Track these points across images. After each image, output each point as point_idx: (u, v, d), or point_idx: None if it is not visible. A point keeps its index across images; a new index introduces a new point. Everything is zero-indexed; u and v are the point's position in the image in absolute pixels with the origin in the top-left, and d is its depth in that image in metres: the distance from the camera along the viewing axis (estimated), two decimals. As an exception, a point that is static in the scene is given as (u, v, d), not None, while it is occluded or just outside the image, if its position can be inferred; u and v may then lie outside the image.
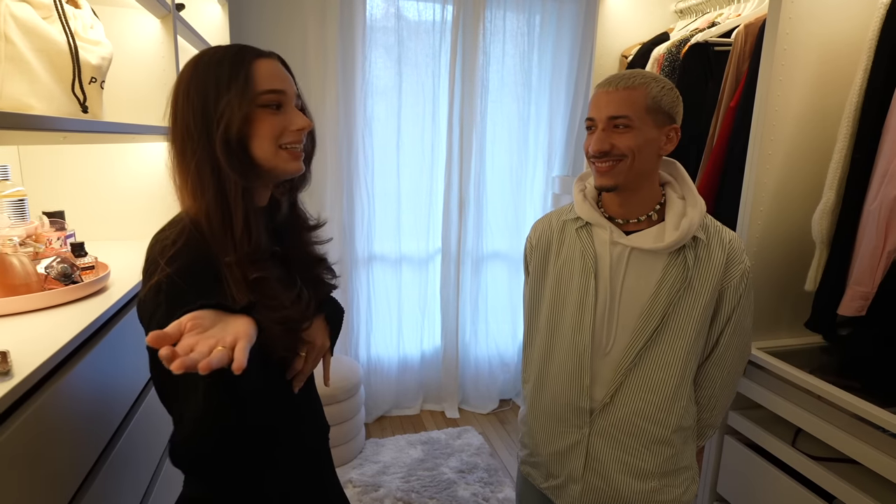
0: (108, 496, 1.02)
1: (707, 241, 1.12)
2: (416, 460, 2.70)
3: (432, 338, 3.22)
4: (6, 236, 1.04)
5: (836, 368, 1.45)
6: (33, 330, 0.93)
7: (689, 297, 1.10)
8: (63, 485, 0.88)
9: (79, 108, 1.15)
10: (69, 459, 0.90)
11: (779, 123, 1.46)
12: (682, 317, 1.11)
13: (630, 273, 1.12)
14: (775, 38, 1.42)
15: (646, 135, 1.07)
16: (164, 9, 1.48)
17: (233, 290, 0.82)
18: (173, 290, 0.77)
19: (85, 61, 1.15)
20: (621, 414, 1.14)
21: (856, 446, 1.25)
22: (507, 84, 2.99)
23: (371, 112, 2.83)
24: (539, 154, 3.12)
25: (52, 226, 1.24)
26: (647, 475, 1.15)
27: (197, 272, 0.81)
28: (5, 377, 0.73)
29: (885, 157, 1.24)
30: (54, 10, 1.12)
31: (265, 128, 0.87)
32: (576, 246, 1.18)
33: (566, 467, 1.21)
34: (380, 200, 2.96)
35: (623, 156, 1.07)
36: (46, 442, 0.82)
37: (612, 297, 1.13)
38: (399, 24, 2.80)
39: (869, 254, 1.26)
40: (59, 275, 1.03)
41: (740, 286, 1.12)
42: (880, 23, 1.29)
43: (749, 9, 1.88)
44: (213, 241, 0.84)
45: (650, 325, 1.11)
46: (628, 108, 1.05)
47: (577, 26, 2.95)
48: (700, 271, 1.10)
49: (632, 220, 1.14)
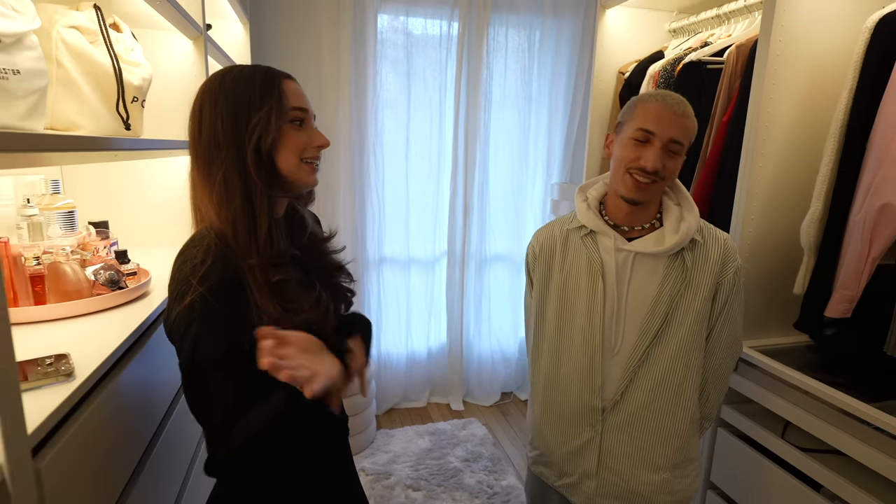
0: (152, 490, 1.04)
1: (703, 242, 1.14)
2: (424, 450, 2.72)
3: (438, 335, 3.24)
4: (59, 246, 1.06)
5: (823, 366, 1.46)
6: (86, 333, 0.95)
7: (689, 294, 1.12)
8: (116, 479, 0.90)
9: (122, 126, 1.16)
10: (120, 455, 0.91)
11: (769, 137, 1.48)
12: (684, 313, 1.12)
13: (635, 276, 1.14)
14: (766, 58, 1.44)
15: (682, 161, 1.11)
16: (196, 31, 1.50)
17: (255, 296, 0.82)
18: (206, 309, 0.78)
19: (128, 82, 1.17)
20: (632, 409, 1.15)
21: (841, 438, 1.27)
22: (509, 96, 3.01)
23: (381, 123, 2.85)
24: (539, 162, 3.14)
25: (98, 235, 1.25)
26: (659, 467, 1.16)
27: (226, 289, 0.81)
28: (68, 378, 0.75)
29: (870, 171, 1.26)
30: (100, 34, 1.14)
31: (291, 142, 0.89)
32: (581, 253, 1.19)
33: (580, 465, 1.21)
34: (390, 206, 2.97)
35: (664, 178, 1.09)
36: (103, 439, 0.84)
37: (619, 300, 1.15)
38: (408, 40, 2.81)
39: (854, 260, 1.28)
40: (107, 281, 1.05)
41: (733, 282, 1.14)
42: (864, 45, 1.31)
43: (739, 30, 1.90)
44: (237, 248, 0.84)
45: (655, 323, 1.12)
46: (685, 136, 1.07)
47: (574, 43, 2.96)
48: (698, 270, 1.13)
49: (636, 227, 1.16)
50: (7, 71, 0.80)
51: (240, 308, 0.82)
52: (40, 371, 0.74)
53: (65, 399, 0.70)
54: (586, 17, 2.91)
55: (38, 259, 1.00)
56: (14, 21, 0.83)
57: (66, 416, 0.72)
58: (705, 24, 2.09)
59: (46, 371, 0.74)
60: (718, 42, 1.90)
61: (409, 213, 3.02)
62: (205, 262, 0.80)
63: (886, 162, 1.23)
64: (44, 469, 0.64)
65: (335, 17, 2.63)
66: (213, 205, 0.86)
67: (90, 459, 0.79)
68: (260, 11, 2.52)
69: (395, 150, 2.92)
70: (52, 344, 0.89)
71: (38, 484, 0.63)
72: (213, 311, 0.78)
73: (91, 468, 0.79)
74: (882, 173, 1.22)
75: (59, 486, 0.68)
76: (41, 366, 0.75)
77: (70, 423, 0.73)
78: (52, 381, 0.73)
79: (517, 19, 2.90)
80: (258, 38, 2.52)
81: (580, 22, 2.93)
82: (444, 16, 2.80)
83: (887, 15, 1.29)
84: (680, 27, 2.23)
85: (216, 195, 0.85)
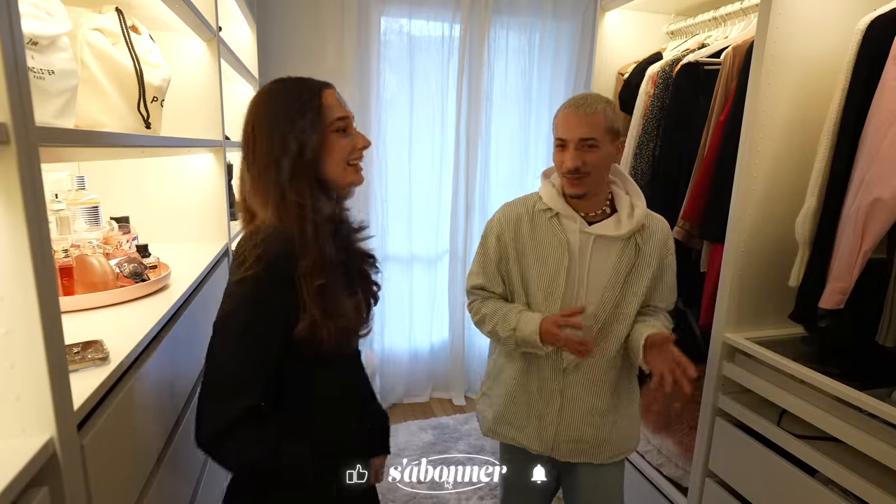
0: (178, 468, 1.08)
1: (650, 225, 1.33)
2: (427, 443, 2.75)
3: (441, 331, 3.27)
4: (85, 240, 1.09)
5: (817, 356, 1.50)
6: (113, 322, 0.99)
7: (640, 270, 1.32)
8: (148, 456, 0.94)
9: (142, 125, 1.20)
10: (150, 435, 0.95)
11: (765, 135, 1.52)
12: (635, 284, 1.32)
13: (594, 256, 1.31)
14: (762, 59, 1.48)
15: (606, 151, 1.24)
16: (210, 33, 1.53)
17: (304, 294, 0.88)
18: (256, 285, 0.86)
19: (148, 82, 1.20)
20: (588, 366, 1.34)
21: (835, 425, 1.30)
22: (510, 97, 3.05)
23: (384, 123, 2.89)
24: (539, 162, 3.18)
25: (120, 230, 1.29)
26: (604, 411, 1.37)
27: (277, 275, 0.88)
28: (104, 362, 0.79)
29: (862, 167, 1.30)
30: (121, 36, 1.18)
31: (337, 149, 0.95)
32: (550, 232, 1.32)
33: (544, 415, 1.37)
34: (393, 205, 3.01)
35: (590, 171, 1.23)
36: (136, 419, 0.88)
37: (579, 277, 1.31)
38: (410, 42, 2.85)
39: (847, 253, 1.32)
40: (131, 273, 1.09)
41: (670, 248, 1.38)
42: (857, 46, 1.35)
43: (735, 32, 1.94)
44: (291, 249, 0.89)
45: (612, 297, 1.30)
46: (595, 131, 1.21)
47: (574, 45, 3.01)
48: (647, 249, 1.32)
49: (591, 213, 1.32)
50: (43, 71, 0.84)
51: (285, 298, 0.88)
52: (78, 355, 0.78)
53: (104, 379, 0.74)
54: (585, 19, 2.95)
55: (67, 252, 1.04)
56: (48, 24, 0.87)
57: (103, 397, 0.76)
58: (703, 27, 2.14)
59: (84, 356, 0.78)
60: (715, 44, 1.94)
61: (411, 212, 3.06)
62: (268, 247, 0.87)
63: (877, 158, 1.27)
64: (87, 444, 0.68)
65: (339, 20, 2.67)
66: (270, 212, 0.91)
67: (125, 437, 0.83)
68: (266, 14, 2.56)
69: (397, 151, 2.96)
70: (83, 332, 0.93)
71: (83, 457, 0.67)
72: (261, 289, 0.86)
73: (126, 445, 0.84)
74: (873, 169, 1.26)
75: (99, 460, 0.72)
76: (79, 350, 0.79)
77: (108, 403, 0.77)
78: (90, 365, 0.77)
79: (518, 21, 2.94)
80: (265, 40, 2.55)
81: (580, 24, 2.97)
82: (445, 18, 2.85)
83: (876, 18, 1.33)
84: (678, 29, 2.28)
85: (272, 205, 0.91)
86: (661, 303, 1.41)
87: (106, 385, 0.75)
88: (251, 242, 0.87)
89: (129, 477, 0.85)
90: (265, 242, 0.87)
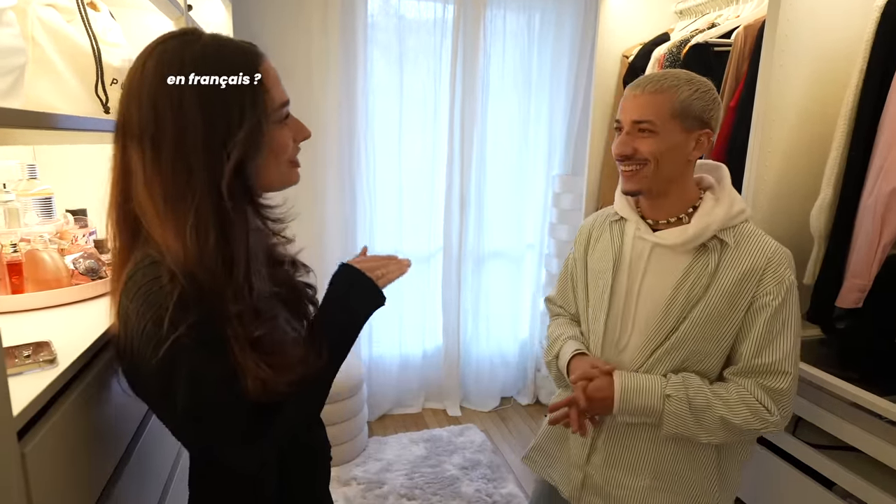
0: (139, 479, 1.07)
1: (734, 245, 1.08)
2: (419, 457, 2.75)
3: (434, 336, 3.27)
4: (36, 233, 1.09)
5: (835, 359, 1.50)
6: (65, 322, 0.98)
7: (707, 301, 1.07)
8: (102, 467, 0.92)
9: (101, 109, 1.19)
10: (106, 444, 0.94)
11: (778, 122, 1.52)
12: (697, 322, 1.08)
13: (650, 271, 1.14)
14: (774, 40, 1.47)
15: (671, 140, 1.05)
16: (177, 11, 1.52)
17: (236, 353, 0.72)
18: (191, 353, 0.70)
19: (107, 63, 1.19)
20: (620, 435, 1.19)
21: (855, 434, 1.30)
22: (508, 83, 3.05)
23: (372, 111, 2.88)
24: (539, 153, 3.18)
25: (77, 223, 1.28)
26: (637, 472, 1.19)
27: (208, 329, 0.72)
28: (51, 365, 0.78)
29: (881, 154, 1.30)
30: (77, 13, 1.17)
31: (278, 147, 0.79)
32: (607, 239, 1.21)
33: (572, 455, 1.27)
34: (381, 198, 3.01)
35: (645, 161, 1.07)
36: (87, 426, 0.86)
37: (628, 294, 1.15)
38: (400, 23, 2.85)
39: (865, 247, 1.32)
40: (87, 270, 1.08)
41: (769, 288, 1.05)
42: (875, 25, 1.35)
43: (748, 10, 1.94)
44: (210, 291, 0.72)
45: (665, 328, 1.10)
46: (652, 113, 1.05)
47: (576, 26, 3.01)
48: (721, 276, 1.07)
49: (661, 220, 1.15)
50: (-15, 48, 0.83)
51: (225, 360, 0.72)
52: (22, 357, 0.77)
53: (50, 383, 0.73)
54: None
55: (16, 246, 1.03)
56: (-9, -4, 0.86)
57: (49, 402, 0.75)
58: (713, 5, 2.14)
59: (29, 358, 0.77)
60: (727, 23, 1.94)
61: (402, 207, 3.05)
62: (174, 299, 0.69)
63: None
64: (29, 453, 0.67)
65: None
66: (179, 240, 0.71)
67: (75, 446, 0.82)
68: (243, -8, 2.55)
69: (386, 140, 2.95)
70: (33, 333, 0.92)
71: (24, 468, 0.66)
72: (200, 353, 0.71)
73: (76, 455, 0.82)
74: (892, 156, 1.26)
75: (44, 471, 0.71)
76: (24, 352, 0.78)
77: (54, 410, 0.76)
78: (35, 367, 0.76)
79: (516, 2, 2.94)
80: (241, 19, 2.54)
81: (582, 4, 2.97)
82: (438, -3, 2.84)
83: (898, -7, 1.33)
84: (686, 8, 2.27)
85: (189, 231, 0.71)
86: (739, 361, 1.09)
87: (52, 389, 0.74)
88: (150, 305, 0.69)
89: (81, 489, 0.84)
90: (168, 300, 0.68)
